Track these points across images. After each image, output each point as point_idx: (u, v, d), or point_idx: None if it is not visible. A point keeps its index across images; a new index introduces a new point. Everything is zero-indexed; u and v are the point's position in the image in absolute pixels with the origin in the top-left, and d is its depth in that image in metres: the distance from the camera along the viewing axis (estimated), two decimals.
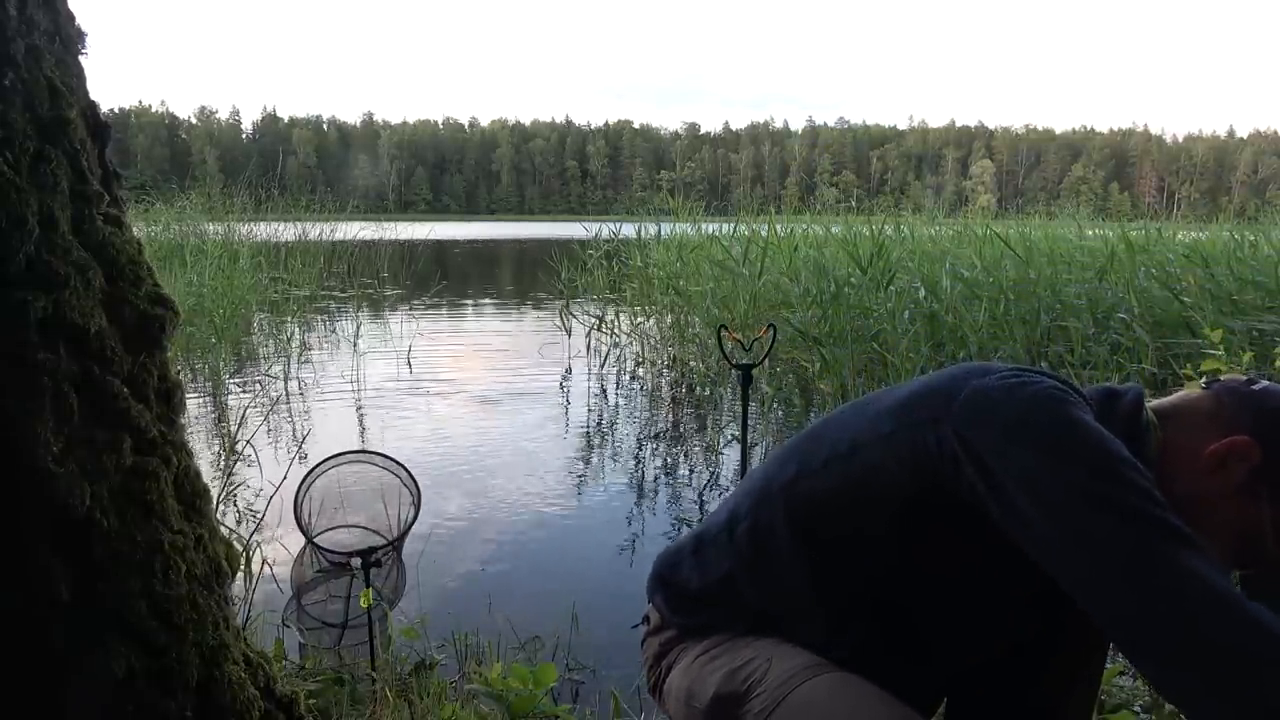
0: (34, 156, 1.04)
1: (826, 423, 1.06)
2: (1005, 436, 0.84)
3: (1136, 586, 0.76)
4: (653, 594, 1.18)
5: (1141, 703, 2.01)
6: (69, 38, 1.14)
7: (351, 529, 2.60)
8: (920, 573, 0.95)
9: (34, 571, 1.02)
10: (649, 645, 1.18)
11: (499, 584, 2.96)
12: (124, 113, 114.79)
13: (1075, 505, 0.79)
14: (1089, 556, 0.79)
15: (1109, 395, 0.94)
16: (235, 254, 9.47)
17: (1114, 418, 0.90)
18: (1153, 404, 0.96)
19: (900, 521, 0.93)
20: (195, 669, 1.16)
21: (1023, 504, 0.82)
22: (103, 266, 1.13)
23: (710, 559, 1.08)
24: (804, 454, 1.03)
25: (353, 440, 4.74)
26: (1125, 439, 0.85)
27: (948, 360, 5.43)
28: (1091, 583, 0.79)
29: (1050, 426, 0.83)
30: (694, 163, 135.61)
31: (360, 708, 1.82)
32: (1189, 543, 0.77)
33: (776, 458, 1.08)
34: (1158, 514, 0.78)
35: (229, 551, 1.31)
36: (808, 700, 0.93)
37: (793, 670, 0.96)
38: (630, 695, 2.15)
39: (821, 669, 0.96)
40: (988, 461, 0.84)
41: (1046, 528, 0.80)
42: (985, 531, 0.86)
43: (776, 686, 0.95)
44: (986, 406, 0.86)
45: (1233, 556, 0.91)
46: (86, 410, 1.08)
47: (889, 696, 0.92)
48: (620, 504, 3.85)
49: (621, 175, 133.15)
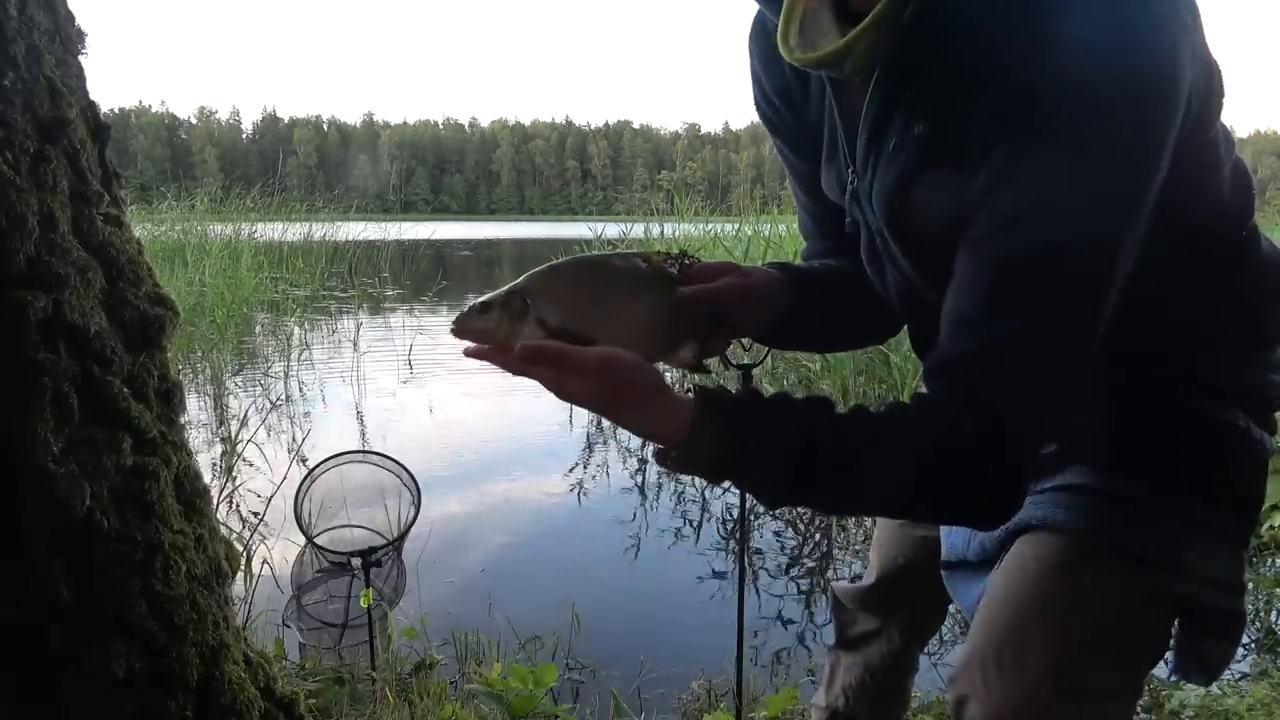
0: (34, 156, 1.05)
1: None
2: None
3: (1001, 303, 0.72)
4: None
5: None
6: (69, 38, 1.15)
7: (351, 529, 2.60)
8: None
9: (34, 572, 1.02)
10: None
11: (499, 584, 2.96)
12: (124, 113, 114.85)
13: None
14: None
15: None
16: (237, 253, 9.47)
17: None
18: None
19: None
20: (195, 669, 1.16)
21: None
22: (103, 266, 1.13)
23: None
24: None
25: (353, 440, 4.74)
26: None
27: None
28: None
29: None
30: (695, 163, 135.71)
31: (360, 708, 1.82)
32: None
33: None
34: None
35: (229, 551, 1.31)
36: None
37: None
38: (630, 695, 2.15)
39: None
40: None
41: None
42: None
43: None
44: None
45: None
46: (86, 410, 1.08)
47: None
48: (621, 504, 3.85)
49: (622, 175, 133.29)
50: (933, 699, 1.99)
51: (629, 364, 0.72)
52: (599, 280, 0.81)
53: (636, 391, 0.72)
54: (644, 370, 0.73)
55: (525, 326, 0.75)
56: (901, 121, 0.78)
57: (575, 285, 0.80)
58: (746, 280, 0.90)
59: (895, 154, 0.80)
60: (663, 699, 2.14)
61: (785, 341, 1.07)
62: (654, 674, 2.23)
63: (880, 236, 0.88)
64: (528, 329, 0.75)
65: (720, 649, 2.12)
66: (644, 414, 0.73)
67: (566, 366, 0.71)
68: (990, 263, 0.72)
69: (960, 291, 0.74)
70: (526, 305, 0.75)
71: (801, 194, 1.07)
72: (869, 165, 0.84)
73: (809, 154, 0.99)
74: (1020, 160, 0.69)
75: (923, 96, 0.76)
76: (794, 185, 1.07)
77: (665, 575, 3.10)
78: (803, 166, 1.02)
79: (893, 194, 0.82)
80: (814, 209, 1.05)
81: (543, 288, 0.77)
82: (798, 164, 1.03)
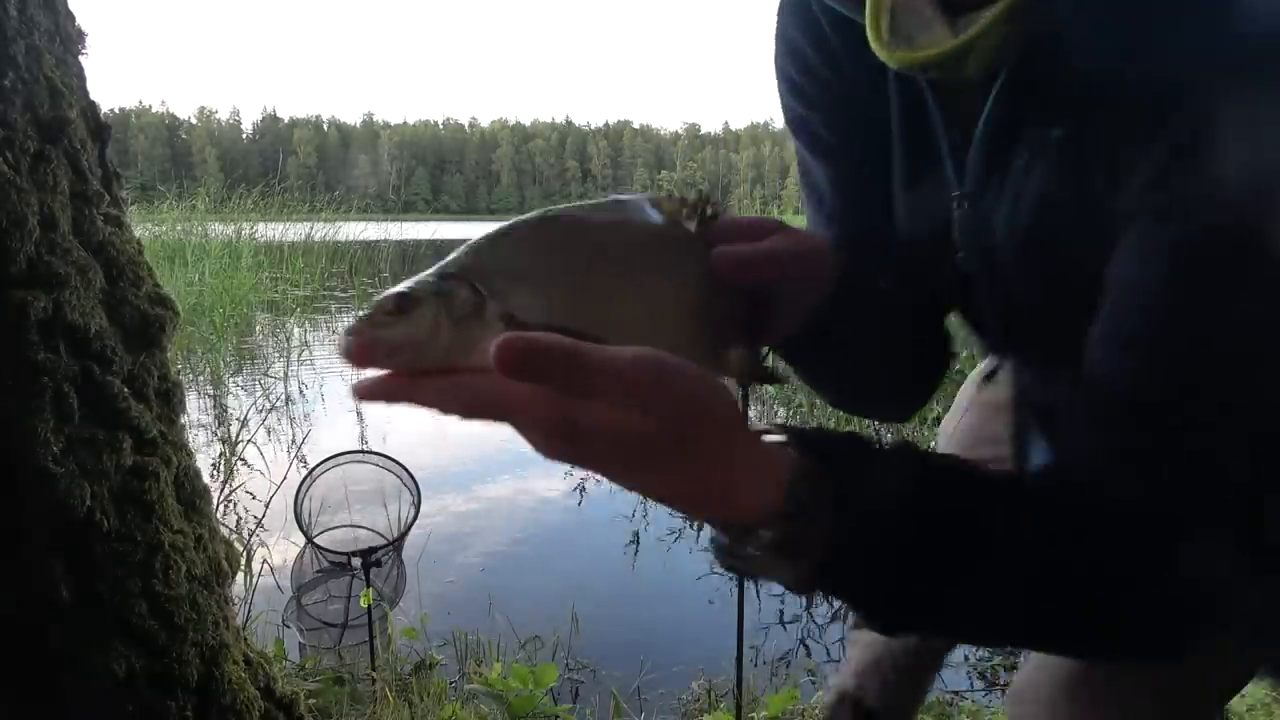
0: (34, 156, 1.05)
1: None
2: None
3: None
4: None
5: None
6: (69, 37, 1.15)
7: (352, 529, 2.60)
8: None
9: (34, 572, 1.02)
10: None
11: (499, 584, 2.96)
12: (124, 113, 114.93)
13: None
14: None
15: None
16: (237, 253, 9.47)
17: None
18: None
19: None
20: (195, 669, 1.16)
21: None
22: (103, 266, 1.13)
23: None
24: None
25: (353, 440, 4.74)
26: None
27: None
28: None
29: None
30: (695, 163, 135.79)
31: (360, 708, 1.82)
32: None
33: None
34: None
35: (229, 551, 1.32)
36: None
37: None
38: (630, 695, 2.15)
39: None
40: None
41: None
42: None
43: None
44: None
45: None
46: (86, 410, 1.08)
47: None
48: (621, 503, 3.85)
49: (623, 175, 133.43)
50: (933, 699, 1.99)
51: (693, 376, 0.41)
52: (594, 245, 0.49)
53: (705, 424, 0.41)
54: (714, 387, 0.43)
55: (480, 331, 0.42)
56: (1035, 126, 0.65)
57: (559, 254, 0.48)
58: (798, 244, 0.59)
59: (1031, 164, 0.66)
60: (663, 699, 2.14)
61: (805, 354, 0.75)
62: (654, 674, 2.23)
63: (995, 263, 0.72)
64: (482, 333, 0.42)
65: (720, 649, 2.12)
66: (714, 467, 0.42)
67: (583, 380, 0.39)
68: (1175, 246, 0.55)
69: (1124, 308, 0.57)
70: (480, 296, 0.44)
71: (840, 201, 0.83)
72: (989, 182, 0.69)
73: (850, 152, 0.80)
74: (1212, 125, 0.54)
75: (1059, 93, 0.63)
76: (824, 192, 0.84)
77: (665, 575, 3.10)
78: (845, 167, 0.82)
79: (1035, 209, 0.66)
80: (847, 218, 0.83)
81: (505, 262, 0.46)
82: (837, 163, 0.82)
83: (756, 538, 0.45)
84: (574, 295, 0.47)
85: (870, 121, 0.76)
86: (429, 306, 0.43)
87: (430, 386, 0.41)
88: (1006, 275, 0.72)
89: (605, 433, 0.39)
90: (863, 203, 0.80)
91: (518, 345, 0.38)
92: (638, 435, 0.40)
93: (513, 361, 0.38)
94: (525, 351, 0.38)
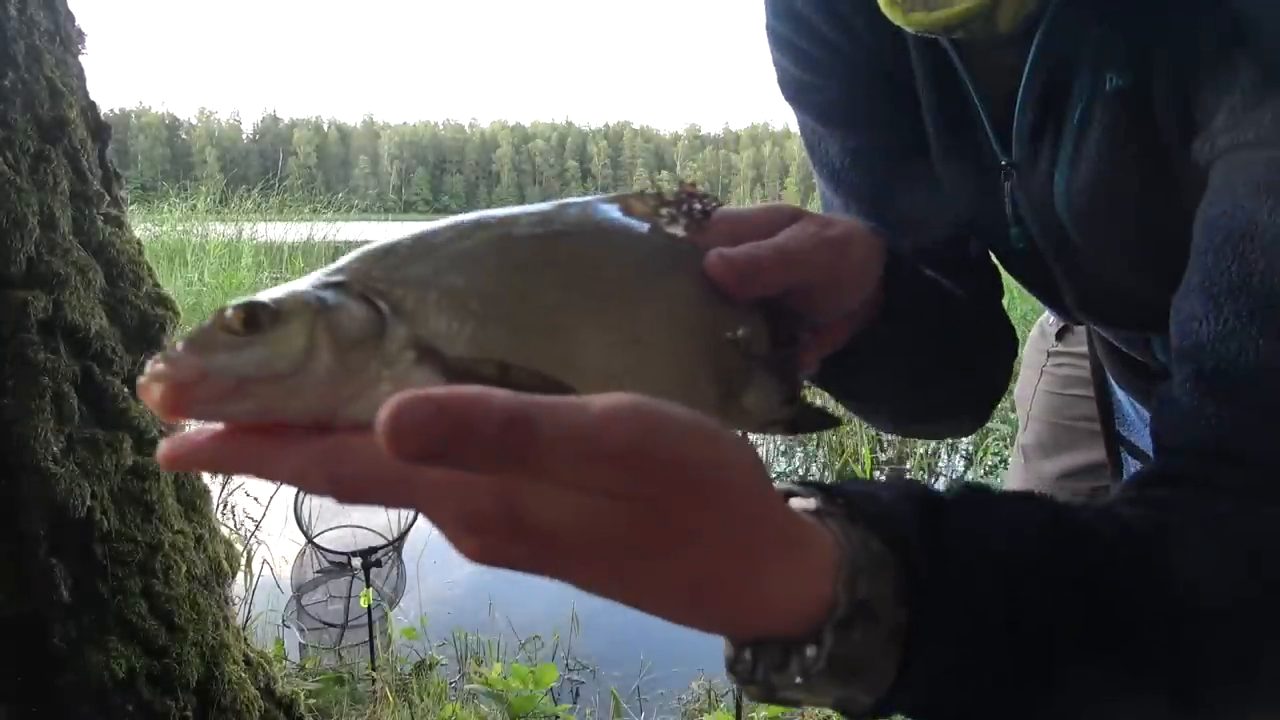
0: (34, 156, 1.05)
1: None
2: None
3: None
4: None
5: None
6: (69, 38, 1.15)
7: (352, 529, 2.60)
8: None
9: (34, 572, 1.02)
10: None
11: (499, 584, 2.96)
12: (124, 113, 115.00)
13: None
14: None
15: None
16: (238, 253, 9.47)
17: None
18: None
19: None
20: (195, 669, 1.16)
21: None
22: (103, 266, 1.13)
23: None
24: None
25: None
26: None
27: None
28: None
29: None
30: (695, 163, 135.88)
31: (360, 708, 1.82)
32: None
33: None
34: None
35: (229, 551, 1.32)
36: None
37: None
38: (630, 695, 2.15)
39: None
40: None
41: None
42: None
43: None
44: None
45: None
46: (87, 410, 1.08)
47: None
48: None
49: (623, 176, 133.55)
50: None
51: (694, 432, 0.27)
52: (553, 253, 0.36)
53: (715, 503, 0.28)
54: (725, 444, 0.28)
55: (377, 366, 0.29)
56: (1088, 79, 0.56)
57: (502, 263, 0.34)
58: (823, 231, 0.45)
59: (1087, 121, 0.57)
60: (663, 699, 2.14)
61: (850, 375, 0.55)
62: (654, 674, 2.23)
63: (1058, 233, 0.64)
64: (379, 369, 0.29)
65: (720, 649, 2.11)
66: (730, 562, 0.29)
67: (533, 455, 0.24)
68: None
69: (1224, 253, 0.48)
70: (380, 314, 0.30)
71: (865, 182, 0.72)
72: (1039, 149, 0.61)
73: (874, 120, 0.71)
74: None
75: (1115, 38, 0.55)
76: (840, 164, 0.73)
77: None
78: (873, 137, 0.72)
79: (1096, 169, 0.58)
80: (874, 202, 0.72)
81: (424, 271, 0.32)
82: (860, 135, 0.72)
83: (800, 660, 0.31)
84: (522, 319, 0.32)
85: (894, 88, 0.67)
86: (298, 323, 0.28)
87: (292, 452, 0.26)
88: (1072, 244, 0.63)
89: (568, 525, 0.26)
90: (890, 177, 0.70)
91: (420, 411, 0.22)
92: (618, 526, 0.26)
93: (413, 438, 0.23)
94: (434, 420, 0.22)
